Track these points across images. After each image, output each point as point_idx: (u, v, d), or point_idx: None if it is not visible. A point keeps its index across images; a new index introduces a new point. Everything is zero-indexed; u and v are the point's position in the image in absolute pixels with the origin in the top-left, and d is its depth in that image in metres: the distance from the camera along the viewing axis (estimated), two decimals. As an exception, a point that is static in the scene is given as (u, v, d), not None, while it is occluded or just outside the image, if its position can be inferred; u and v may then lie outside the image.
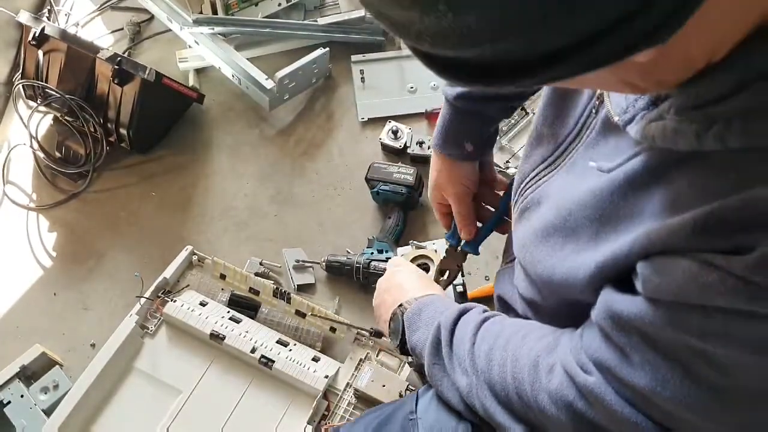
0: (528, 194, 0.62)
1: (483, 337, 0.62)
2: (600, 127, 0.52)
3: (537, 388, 0.54)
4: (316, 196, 1.39)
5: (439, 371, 0.65)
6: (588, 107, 0.55)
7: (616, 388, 0.48)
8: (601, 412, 0.49)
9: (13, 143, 1.49)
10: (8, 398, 1.10)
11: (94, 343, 1.22)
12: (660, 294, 0.42)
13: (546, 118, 0.62)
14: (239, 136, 1.48)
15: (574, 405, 0.51)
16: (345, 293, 1.26)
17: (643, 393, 0.46)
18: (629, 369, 0.46)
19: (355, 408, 1.04)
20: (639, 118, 0.43)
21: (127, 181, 1.44)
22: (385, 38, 1.57)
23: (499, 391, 0.58)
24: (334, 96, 1.53)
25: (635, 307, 0.44)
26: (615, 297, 0.47)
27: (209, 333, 1.08)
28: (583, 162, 0.54)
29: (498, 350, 0.59)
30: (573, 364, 0.51)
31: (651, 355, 0.45)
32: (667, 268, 0.41)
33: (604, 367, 0.49)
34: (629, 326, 0.45)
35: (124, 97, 1.35)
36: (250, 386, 1.08)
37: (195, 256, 1.21)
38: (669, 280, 0.41)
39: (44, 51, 1.38)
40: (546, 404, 0.53)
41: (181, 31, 1.47)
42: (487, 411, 0.59)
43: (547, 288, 0.57)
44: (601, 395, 0.48)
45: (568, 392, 0.51)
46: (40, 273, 1.34)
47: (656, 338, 0.44)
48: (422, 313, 0.69)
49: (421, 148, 1.36)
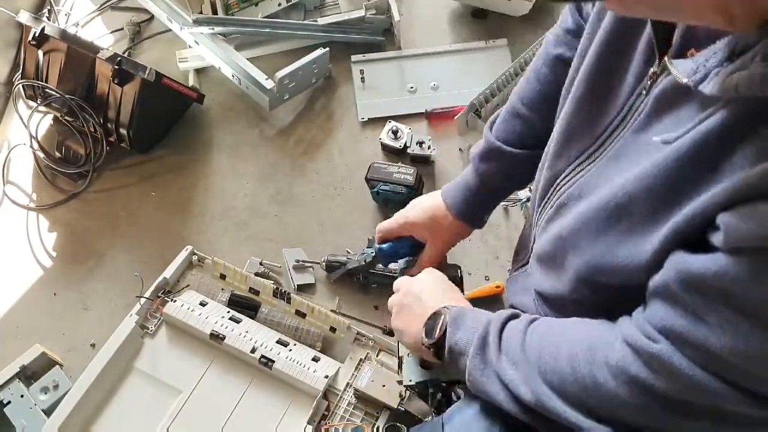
0: (565, 190, 0.63)
1: (533, 330, 0.62)
2: (653, 105, 0.52)
3: (596, 366, 0.54)
4: (316, 196, 1.39)
5: (480, 362, 0.64)
6: (637, 90, 0.55)
7: (688, 353, 0.48)
8: (668, 379, 0.49)
9: (13, 143, 1.49)
10: (8, 398, 1.10)
11: (94, 343, 1.22)
12: (744, 241, 0.42)
13: (580, 114, 0.62)
14: (239, 136, 1.48)
15: (636, 376, 0.51)
16: (345, 293, 1.26)
17: (719, 354, 0.46)
18: (704, 330, 0.46)
19: (355, 408, 1.04)
20: (713, 74, 0.43)
21: (127, 181, 1.44)
22: (385, 38, 1.58)
23: (553, 379, 0.58)
24: (334, 96, 1.53)
25: (713, 264, 0.44)
26: (688, 259, 0.47)
27: (209, 333, 1.08)
28: (634, 145, 0.54)
29: (550, 338, 0.60)
30: (637, 335, 0.52)
31: (729, 313, 0.44)
32: (756, 212, 0.41)
33: (673, 333, 0.49)
34: (705, 285, 0.45)
35: (124, 97, 1.35)
36: (250, 386, 1.08)
37: (195, 256, 1.21)
38: (757, 224, 0.41)
39: (44, 51, 1.38)
40: (605, 380, 0.53)
41: (181, 31, 1.47)
42: (541, 401, 0.58)
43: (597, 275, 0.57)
44: (669, 361, 0.48)
45: (630, 364, 0.51)
46: (40, 273, 1.34)
47: (736, 293, 0.44)
48: (468, 315, 0.69)
49: (421, 148, 1.36)
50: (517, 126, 0.81)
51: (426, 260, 0.90)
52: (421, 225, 0.89)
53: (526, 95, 0.80)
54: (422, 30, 1.61)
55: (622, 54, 0.57)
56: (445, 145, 1.41)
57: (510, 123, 0.82)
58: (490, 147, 0.83)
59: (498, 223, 1.32)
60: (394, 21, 1.52)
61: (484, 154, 0.83)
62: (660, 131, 0.50)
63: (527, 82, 0.81)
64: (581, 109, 0.62)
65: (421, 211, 0.89)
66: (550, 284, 0.66)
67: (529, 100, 0.80)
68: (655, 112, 0.52)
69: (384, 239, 0.93)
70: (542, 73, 0.78)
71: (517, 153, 0.80)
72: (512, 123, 0.82)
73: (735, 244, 0.43)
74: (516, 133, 0.81)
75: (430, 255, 0.89)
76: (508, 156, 0.81)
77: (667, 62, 0.50)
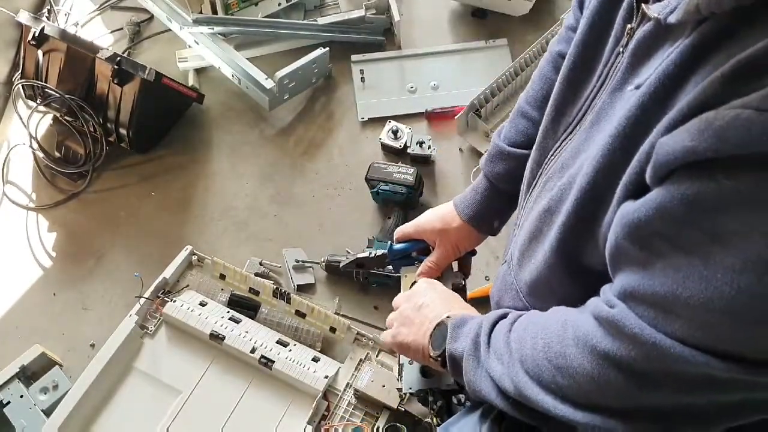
0: (551, 165, 0.63)
1: (518, 324, 0.62)
2: (629, 60, 0.52)
3: (565, 345, 0.54)
4: (316, 196, 1.39)
5: (473, 362, 0.64)
6: (615, 50, 0.55)
7: (639, 311, 0.47)
8: (623, 341, 0.48)
9: (13, 143, 1.49)
10: (8, 398, 1.10)
11: (93, 343, 1.22)
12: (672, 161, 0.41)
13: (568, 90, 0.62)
14: (239, 136, 1.48)
15: (598, 346, 0.50)
16: (345, 293, 1.26)
17: (664, 303, 0.45)
18: (650, 280, 0.45)
19: (355, 408, 1.04)
20: (682, 4, 0.43)
21: (127, 181, 1.43)
22: (385, 38, 1.57)
23: (530, 366, 0.57)
24: (334, 96, 1.53)
25: (649, 203, 0.43)
26: (628, 207, 0.46)
27: (209, 333, 1.08)
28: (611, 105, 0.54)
29: (530, 327, 0.60)
30: (600, 305, 0.51)
31: (671, 254, 0.44)
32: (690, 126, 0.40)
33: (627, 293, 0.48)
34: (647, 231, 0.45)
35: (123, 97, 1.34)
36: (250, 386, 1.08)
37: (195, 256, 1.21)
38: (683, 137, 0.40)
39: (44, 51, 1.38)
40: (573, 356, 0.53)
41: (180, 30, 1.47)
42: (520, 389, 0.58)
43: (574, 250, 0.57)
44: (622, 322, 0.48)
45: (594, 335, 0.51)
46: (40, 273, 1.34)
47: (672, 231, 0.43)
48: (467, 322, 0.68)
49: (421, 148, 1.36)
50: (521, 126, 0.82)
51: (431, 263, 0.89)
52: (431, 228, 0.89)
53: (531, 95, 0.81)
54: (422, 30, 1.61)
55: (605, 26, 0.57)
56: (445, 145, 1.41)
57: (515, 123, 0.83)
58: (496, 149, 0.83)
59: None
60: (394, 21, 1.52)
61: (491, 157, 0.84)
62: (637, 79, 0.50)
63: (532, 83, 0.81)
64: (568, 85, 0.62)
65: (432, 214, 0.90)
66: (528, 271, 0.66)
67: (533, 99, 0.80)
68: (631, 66, 0.52)
69: (399, 241, 0.94)
70: (545, 71, 0.79)
71: (522, 153, 0.80)
72: (517, 123, 0.82)
73: (664, 167, 0.42)
74: (521, 133, 0.82)
75: (436, 258, 0.89)
76: (514, 157, 0.81)
77: (644, 8, 0.49)
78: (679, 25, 0.45)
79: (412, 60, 1.55)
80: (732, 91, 0.39)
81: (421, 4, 1.66)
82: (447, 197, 1.35)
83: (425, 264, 0.89)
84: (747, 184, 0.38)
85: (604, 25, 0.58)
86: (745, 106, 0.37)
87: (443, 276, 0.91)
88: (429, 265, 0.89)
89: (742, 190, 0.38)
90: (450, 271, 0.93)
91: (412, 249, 0.93)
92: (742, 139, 0.37)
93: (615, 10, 0.56)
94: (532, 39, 1.46)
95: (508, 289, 0.73)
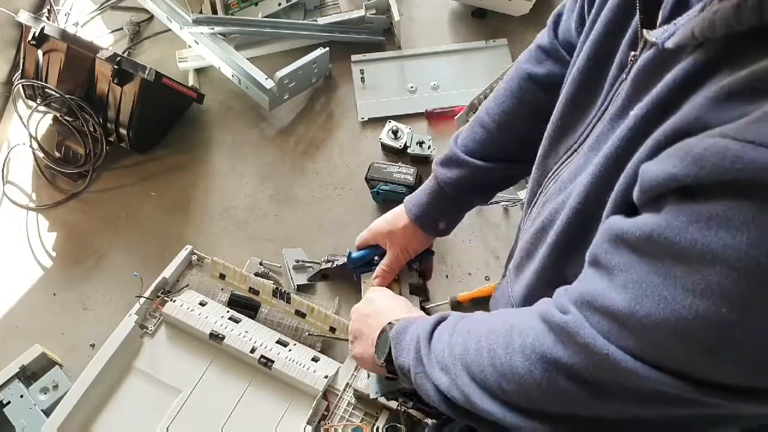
0: (550, 186, 0.63)
1: (461, 329, 0.62)
2: (631, 86, 0.52)
3: (511, 351, 0.53)
4: (316, 196, 1.39)
5: (422, 379, 0.64)
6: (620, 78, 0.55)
7: (593, 321, 0.46)
8: (574, 350, 0.48)
9: (13, 143, 1.49)
10: (8, 398, 1.10)
11: (93, 343, 1.22)
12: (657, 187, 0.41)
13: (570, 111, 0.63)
14: (239, 136, 1.48)
15: (548, 353, 0.49)
16: (345, 293, 1.26)
17: (620, 317, 0.44)
18: (610, 292, 0.45)
19: (354, 408, 1.04)
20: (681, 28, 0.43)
21: (127, 181, 1.43)
22: (385, 38, 1.57)
23: (476, 371, 0.56)
24: (334, 96, 1.53)
25: (637, 221, 0.44)
26: (616, 219, 0.46)
27: (209, 333, 1.08)
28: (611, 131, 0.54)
29: (474, 332, 0.59)
30: (551, 308, 0.50)
31: (636, 269, 0.43)
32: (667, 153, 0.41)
33: (584, 301, 0.47)
34: (625, 242, 0.45)
35: (123, 96, 1.35)
36: (249, 386, 1.08)
37: (195, 256, 1.21)
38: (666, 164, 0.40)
39: (44, 51, 1.38)
40: (519, 364, 0.52)
41: (180, 30, 1.47)
42: (468, 398, 0.57)
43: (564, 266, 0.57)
44: (575, 330, 0.47)
45: (543, 341, 0.50)
46: (40, 273, 1.34)
47: (644, 247, 0.43)
48: (407, 331, 0.68)
49: (421, 148, 1.36)
50: (477, 135, 0.83)
51: (384, 266, 0.90)
52: (381, 231, 0.91)
53: (492, 107, 0.81)
54: (422, 30, 1.61)
55: (609, 52, 0.58)
56: (445, 145, 1.39)
57: (473, 131, 0.83)
58: (450, 153, 0.85)
59: (498, 223, 1.31)
60: (394, 21, 1.52)
61: (444, 160, 0.86)
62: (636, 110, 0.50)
63: (495, 95, 0.82)
64: (570, 107, 0.62)
65: (382, 218, 0.92)
66: (520, 285, 0.66)
67: (494, 112, 0.81)
68: (633, 92, 0.51)
69: (358, 248, 0.95)
70: (512, 88, 0.80)
71: (474, 163, 0.81)
72: (474, 132, 0.83)
73: (649, 192, 0.42)
74: (477, 142, 0.82)
75: (389, 262, 0.90)
76: (466, 164, 0.82)
77: (645, 34, 0.49)
78: (678, 51, 0.45)
79: (412, 60, 1.55)
80: (714, 117, 0.39)
81: (421, 4, 1.66)
82: (447, 197, 1.36)
83: (379, 268, 0.91)
84: (717, 210, 0.38)
85: (608, 52, 0.58)
86: (722, 135, 0.37)
87: (400, 278, 0.93)
88: (383, 269, 0.90)
89: (712, 217, 0.38)
90: (406, 272, 0.94)
91: (370, 255, 0.94)
92: (717, 166, 0.37)
93: (620, 36, 0.56)
94: (532, 39, 1.44)
95: (504, 302, 0.74)
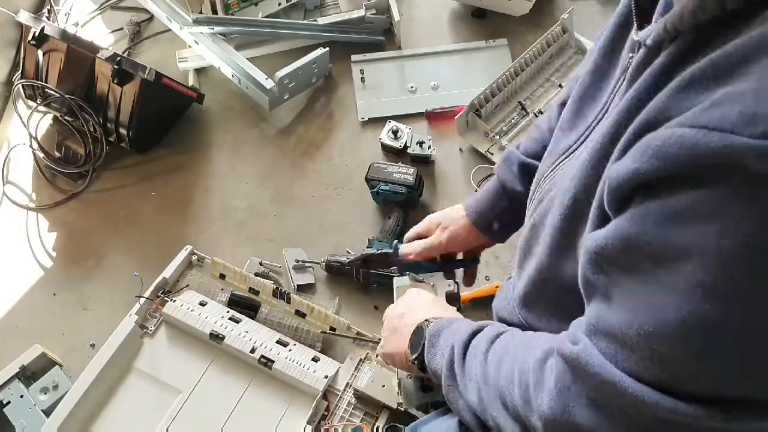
0: (544, 186, 0.64)
1: (495, 350, 0.60)
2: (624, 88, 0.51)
3: (539, 389, 0.52)
4: (316, 196, 1.39)
5: (453, 393, 0.64)
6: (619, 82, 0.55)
7: (602, 346, 0.45)
8: (587, 381, 0.46)
9: (13, 143, 1.49)
10: (8, 398, 1.10)
11: (93, 343, 1.22)
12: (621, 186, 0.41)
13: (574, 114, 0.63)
14: (239, 136, 1.48)
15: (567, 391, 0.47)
16: (345, 293, 1.26)
17: (620, 336, 0.43)
18: (608, 311, 0.44)
19: (354, 408, 1.04)
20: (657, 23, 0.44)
21: (127, 181, 1.43)
22: (385, 38, 1.57)
23: (508, 401, 0.55)
24: (334, 96, 1.53)
25: (608, 231, 0.43)
26: (591, 235, 0.46)
27: (209, 333, 1.08)
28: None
29: (508, 358, 0.58)
30: (565, 343, 0.49)
31: (623, 281, 0.43)
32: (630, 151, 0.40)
33: (591, 326, 0.46)
34: (605, 258, 0.44)
35: (124, 96, 1.34)
36: (249, 386, 1.08)
37: (195, 256, 1.21)
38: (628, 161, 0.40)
39: (44, 51, 1.38)
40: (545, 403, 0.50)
41: (180, 30, 1.47)
42: (498, 424, 0.56)
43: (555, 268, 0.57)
44: (585, 359, 0.45)
45: (563, 379, 0.48)
46: (40, 273, 1.34)
47: (623, 257, 0.42)
48: (441, 336, 0.68)
49: (421, 148, 1.36)
50: (534, 136, 0.83)
51: (424, 243, 0.91)
52: (435, 219, 0.92)
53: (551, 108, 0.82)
54: (422, 30, 1.61)
55: (615, 55, 0.58)
56: (445, 145, 1.41)
57: (530, 135, 0.84)
58: (508, 153, 0.85)
59: (498, 223, 1.31)
60: (394, 21, 1.52)
61: (503, 158, 0.86)
62: None
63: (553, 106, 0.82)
64: (575, 110, 0.63)
65: (440, 211, 0.93)
66: (521, 284, 0.66)
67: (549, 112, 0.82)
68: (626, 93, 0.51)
69: (408, 240, 0.95)
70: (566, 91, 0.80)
71: (530, 162, 0.81)
72: (531, 135, 0.84)
73: (616, 193, 0.41)
74: (533, 141, 0.83)
75: (431, 241, 0.91)
76: (522, 162, 0.82)
77: (633, 34, 0.49)
78: (658, 47, 0.45)
79: (412, 60, 1.55)
80: (676, 107, 0.38)
81: (421, 4, 1.66)
82: (447, 197, 1.36)
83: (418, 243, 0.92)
84: (683, 204, 0.37)
85: (614, 55, 0.58)
86: (680, 124, 0.37)
87: (437, 285, 0.94)
88: (422, 245, 0.91)
89: (680, 209, 0.37)
90: (443, 281, 0.96)
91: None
92: (677, 156, 0.36)
93: (622, 43, 0.57)
94: (532, 39, 1.46)
95: (506, 302, 0.74)
